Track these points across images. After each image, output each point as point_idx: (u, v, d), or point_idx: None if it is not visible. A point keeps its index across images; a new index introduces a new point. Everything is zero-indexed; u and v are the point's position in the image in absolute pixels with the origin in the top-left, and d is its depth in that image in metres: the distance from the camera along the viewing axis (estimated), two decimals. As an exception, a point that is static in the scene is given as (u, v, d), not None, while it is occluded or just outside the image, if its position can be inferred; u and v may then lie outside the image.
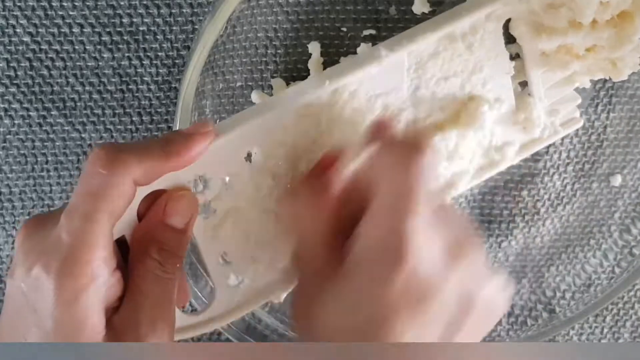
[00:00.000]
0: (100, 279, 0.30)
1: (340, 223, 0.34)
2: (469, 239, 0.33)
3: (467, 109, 0.42)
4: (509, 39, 0.42)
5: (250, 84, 0.46)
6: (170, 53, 0.46)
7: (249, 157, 0.36)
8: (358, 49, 0.45)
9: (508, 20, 0.41)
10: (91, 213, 0.30)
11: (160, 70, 0.46)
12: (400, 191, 0.32)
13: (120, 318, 0.31)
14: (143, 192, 0.33)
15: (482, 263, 0.33)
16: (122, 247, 0.33)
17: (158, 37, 0.46)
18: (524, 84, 0.44)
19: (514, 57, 0.44)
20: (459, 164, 0.43)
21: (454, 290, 0.31)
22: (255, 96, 0.46)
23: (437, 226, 0.32)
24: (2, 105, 0.46)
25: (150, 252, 0.32)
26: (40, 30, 0.45)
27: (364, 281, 0.31)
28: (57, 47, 0.45)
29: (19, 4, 0.44)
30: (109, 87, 0.47)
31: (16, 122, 0.47)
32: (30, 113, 0.47)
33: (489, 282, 0.33)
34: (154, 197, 0.34)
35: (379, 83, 0.38)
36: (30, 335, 0.30)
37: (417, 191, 0.31)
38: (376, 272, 0.31)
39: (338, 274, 0.32)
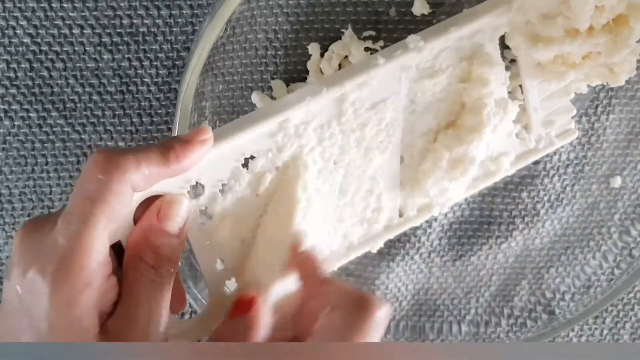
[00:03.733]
0: (95, 284, 0.30)
1: None
2: None
3: (470, 115, 0.42)
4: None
5: (250, 85, 0.46)
6: (170, 54, 0.46)
7: (246, 163, 0.36)
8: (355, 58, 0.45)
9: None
10: (88, 218, 0.30)
11: (160, 72, 0.46)
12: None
13: (114, 323, 0.31)
14: (140, 197, 0.33)
15: None
16: (118, 252, 0.33)
17: (158, 38, 0.46)
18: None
19: (511, 61, 0.44)
20: None
21: None
22: (255, 97, 0.45)
23: None
24: (2, 107, 0.46)
25: (144, 257, 0.32)
26: (40, 31, 0.45)
27: None
28: (57, 48, 0.46)
29: (19, 5, 0.44)
30: (108, 89, 0.47)
31: (16, 123, 0.47)
32: (30, 114, 0.47)
33: None
34: (150, 203, 0.34)
35: (377, 90, 0.38)
36: (24, 338, 0.30)
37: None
38: None
39: None
